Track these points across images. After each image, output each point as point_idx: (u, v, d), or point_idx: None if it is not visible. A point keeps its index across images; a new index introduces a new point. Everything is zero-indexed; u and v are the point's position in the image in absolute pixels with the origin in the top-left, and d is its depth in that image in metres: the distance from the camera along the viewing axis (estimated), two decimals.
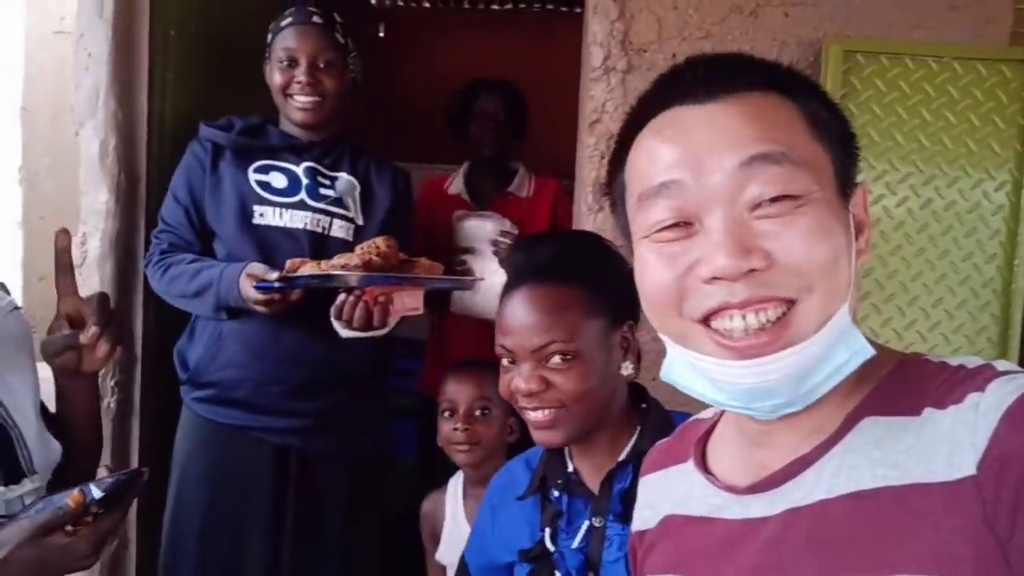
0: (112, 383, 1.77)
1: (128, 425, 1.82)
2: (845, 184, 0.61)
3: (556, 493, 1.06)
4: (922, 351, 0.74)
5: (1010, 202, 1.60)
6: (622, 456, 1.03)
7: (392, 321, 1.50)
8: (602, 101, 1.69)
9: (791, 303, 0.57)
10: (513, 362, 1.03)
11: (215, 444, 1.60)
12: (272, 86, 1.67)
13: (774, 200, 0.57)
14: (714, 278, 0.57)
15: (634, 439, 1.04)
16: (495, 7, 4.49)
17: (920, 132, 1.60)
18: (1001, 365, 0.57)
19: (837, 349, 0.58)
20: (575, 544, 1.02)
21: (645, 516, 0.78)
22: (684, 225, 0.59)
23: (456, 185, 2.30)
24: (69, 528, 0.87)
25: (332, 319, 1.49)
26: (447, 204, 2.22)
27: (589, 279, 1.03)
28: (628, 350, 1.06)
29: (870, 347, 0.60)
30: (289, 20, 1.66)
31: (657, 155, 0.61)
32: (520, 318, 1.00)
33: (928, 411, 0.56)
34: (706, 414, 0.79)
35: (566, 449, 1.09)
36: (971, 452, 0.52)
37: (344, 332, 1.50)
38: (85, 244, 1.76)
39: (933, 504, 0.53)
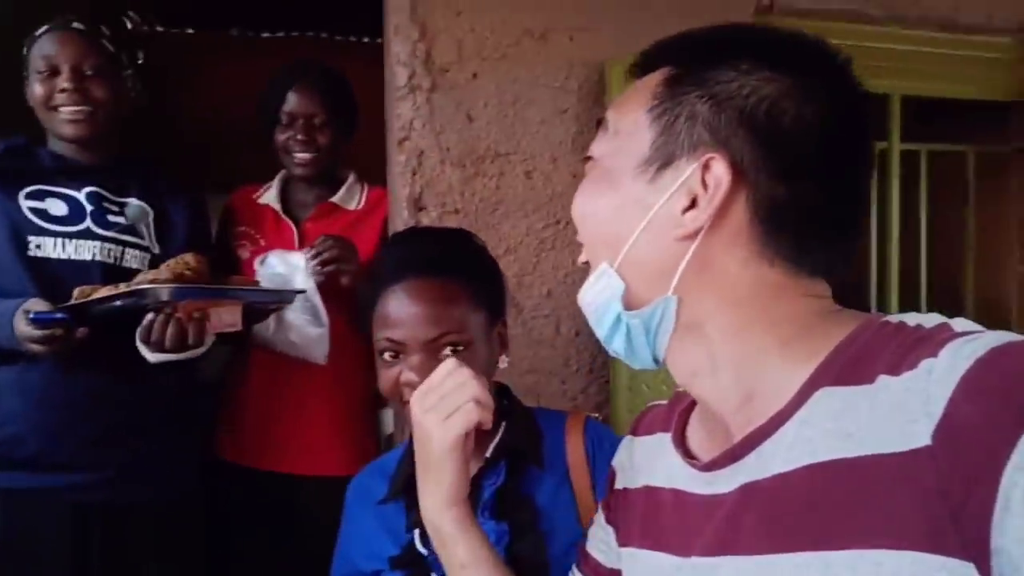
0: None
1: None
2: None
3: None
4: None
5: None
6: (488, 453, 1.06)
7: (209, 340, 1.40)
8: (409, 119, 1.72)
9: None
10: (396, 356, 1.02)
11: (1, 516, 1.39)
12: (34, 101, 1.51)
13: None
14: None
15: (499, 436, 1.07)
16: (266, 35, 4.38)
17: None
18: (959, 325, 0.56)
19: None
20: None
21: (628, 476, 0.79)
22: None
23: (269, 195, 1.89)
24: None
25: (138, 343, 1.35)
26: (258, 216, 1.88)
27: (472, 274, 1.06)
28: (504, 344, 1.11)
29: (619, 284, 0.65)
30: (46, 28, 1.52)
31: None
32: (410, 310, 1.00)
33: (882, 378, 0.55)
34: None
35: None
36: (925, 421, 0.51)
37: (152, 356, 1.36)
38: None
39: (886, 475, 0.52)
